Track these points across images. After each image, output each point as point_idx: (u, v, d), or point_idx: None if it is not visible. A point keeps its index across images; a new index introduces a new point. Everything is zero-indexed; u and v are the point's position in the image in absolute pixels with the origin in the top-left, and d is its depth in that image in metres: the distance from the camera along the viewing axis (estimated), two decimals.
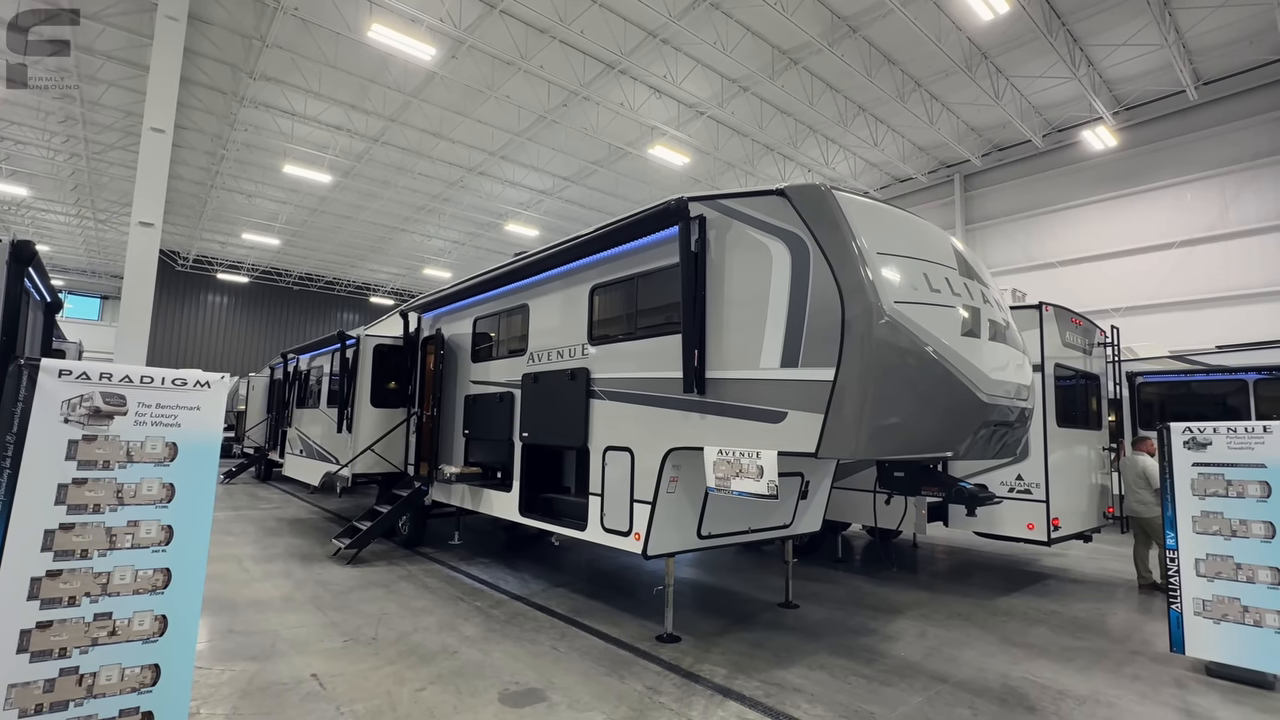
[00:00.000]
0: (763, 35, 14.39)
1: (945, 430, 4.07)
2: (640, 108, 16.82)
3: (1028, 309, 7.41)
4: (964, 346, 4.13)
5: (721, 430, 4.68)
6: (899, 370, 3.86)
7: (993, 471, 7.42)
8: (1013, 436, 4.80)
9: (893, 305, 3.89)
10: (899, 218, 4.58)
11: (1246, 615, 4.87)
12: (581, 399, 6.03)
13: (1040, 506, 7.06)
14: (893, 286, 3.97)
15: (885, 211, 4.49)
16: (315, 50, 14.83)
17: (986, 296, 4.65)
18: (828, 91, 16.40)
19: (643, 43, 14.52)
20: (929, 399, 3.96)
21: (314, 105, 17.31)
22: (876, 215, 4.35)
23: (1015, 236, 19.58)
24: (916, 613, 6.55)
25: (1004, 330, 4.67)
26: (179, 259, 31.77)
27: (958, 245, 4.89)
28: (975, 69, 14.90)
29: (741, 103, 17.00)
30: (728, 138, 18.83)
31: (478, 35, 14.14)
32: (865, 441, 3.85)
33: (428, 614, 6.07)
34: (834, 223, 4.10)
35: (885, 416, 3.86)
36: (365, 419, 9.25)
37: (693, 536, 5.59)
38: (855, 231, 4.05)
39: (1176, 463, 5.37)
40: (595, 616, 6.17)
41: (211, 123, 18.37)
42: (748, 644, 5.47)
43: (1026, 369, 4.88)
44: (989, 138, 18.93)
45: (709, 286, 4.87)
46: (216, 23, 14.08)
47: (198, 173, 21.91)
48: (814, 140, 18.96)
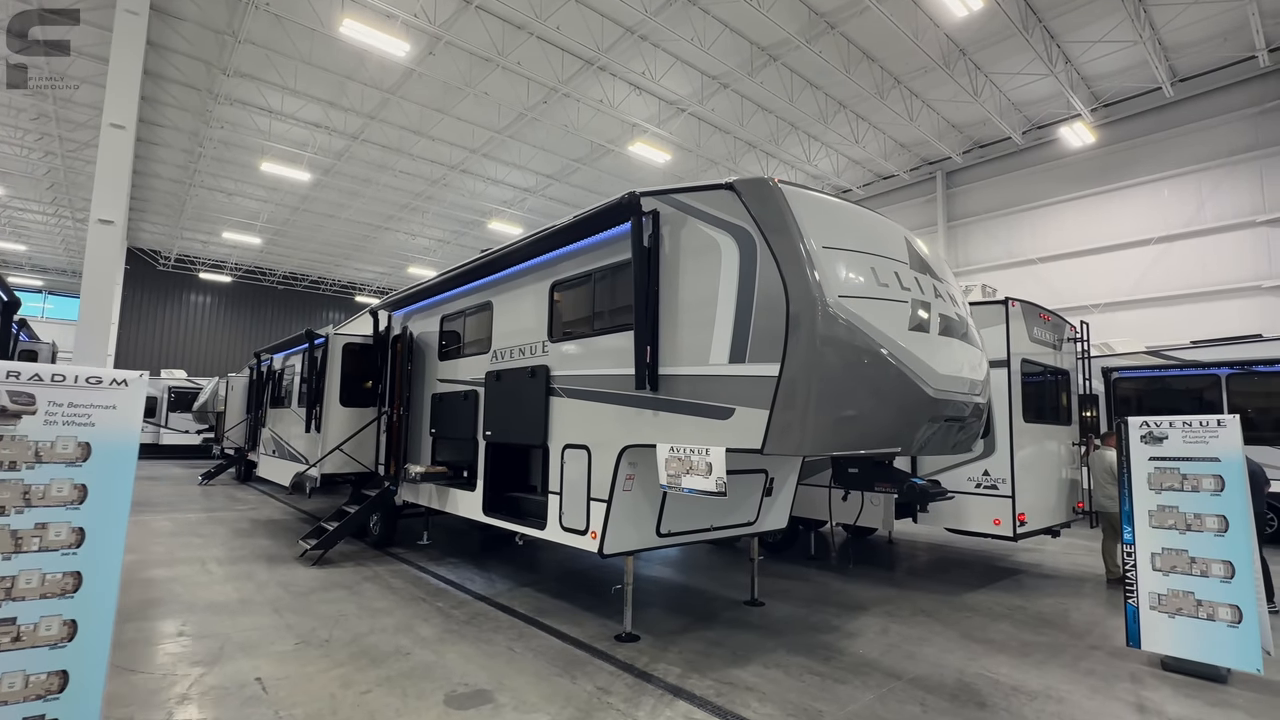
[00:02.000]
0: (741, 32, 14.35)
1: (893, 426, 4.04)
2: (620, 105, 16.75)
3: (993, 304, 7.41)
4: (912, 341, 4.09)
5: (674, 427, 4.63)
6: (843, 365, 3.82)
7: (960, 467, 7.42)
8: (967, 432, 4.78)
9: (837, 300, 3.86)
10: (849, 211, 4.54)
11: (1200, 609, 4.88)
12: (541, 397, 5.97)
13: (1006, 502, 7.06)
14: (838, 280, 3.93)
15: (834, 205, 4.46)
16: (290, 46, 14.67)
17: (940, 291, 4.62)
18: (808, 88, 16.38)
19: (621, 39, 14.44)
20: (875, 394, 3.92)
21: (291, 102, 17.14)
22: (824, 209, 4.31)
23: (997, 233, 19.66)
24: (881, 609, 6.54)
25: (958, 325, 4.65)
26: (160, 258, 31.43)
27: (912, 240, 4.86)
28: (953, 66, 14.93)
29: (722, 100, 16.96)
30: (709, 135, 18.79)
31: (454, 31, 14.03)
32: (810, 437, 3.81)
33: (386, 615, 5.99)
34: (780, 217, 4.05)
35: (830, 412, 3.82)
36: (334, 418, 9.14)
37: (651, 535, 5.54)
38: (801, 225, 4.01)
39: (1134, 457, 5.37)
40: (557, 616, 6.11)
41: (187, 120, 18.14)
42: (706, 642, 5.43)
43: (981, 364, 4.86)
44: (970, 135, 18.98)
45: (662, 282, 4.81)
46: (188, 18, 13.90)
47: (175, 171, 21.67)
48: (796, 137, 18.95)
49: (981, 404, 4.77)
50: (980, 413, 4.82)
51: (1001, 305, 7.37)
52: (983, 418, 4.89)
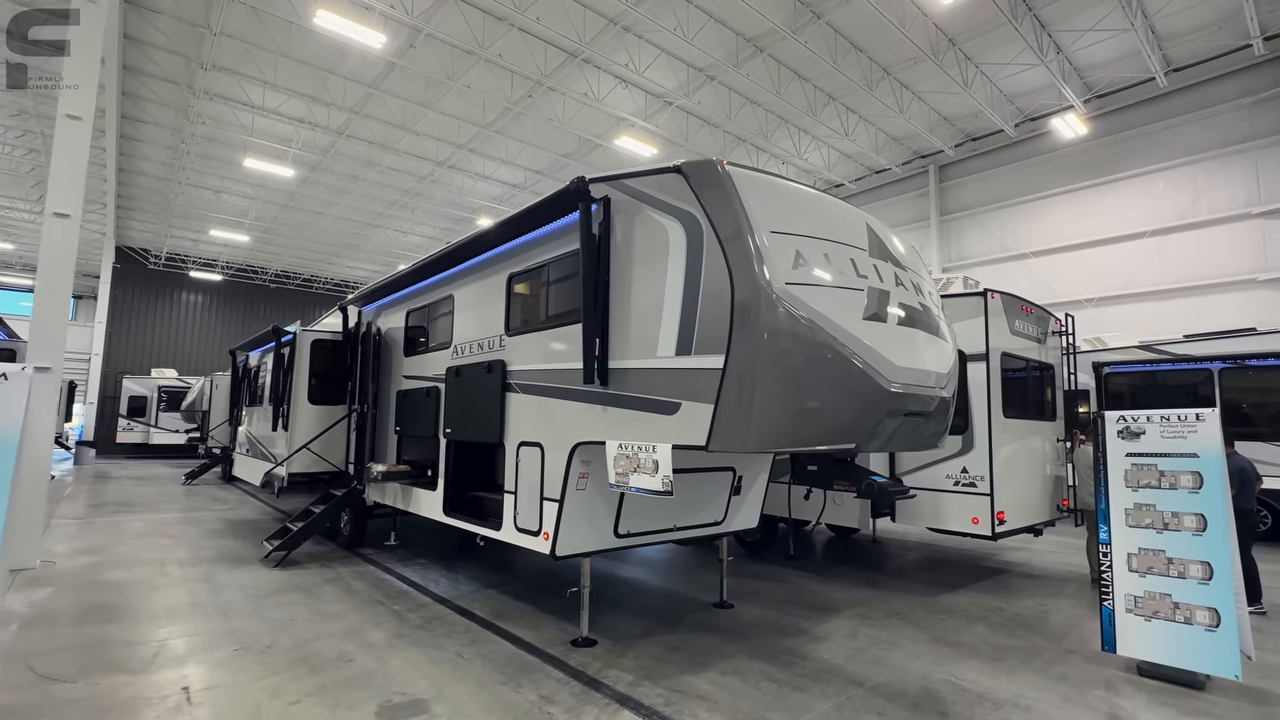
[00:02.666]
0: (725, 22, 14.10)
1: (846, 420, 3.82)
2: (606, 98, 16.51)
3: (971, 296, 7.18)
4: (867, 331, 3.87)
5: (623, 423, 4.42)
6: (789, 356, 3.60)
7: (938, 464, 7.20)
8: (934, 428, 4.56)
9: (783, 286, 3.63)
10: (803, 196, 4.32)
11: (1177, 612, 4.66)
12: (498, 393, 5.76)
13: (984, 500, 6.84)
14: (785, 267, 3.71)
15: (787, 189, 4.23)
16: (268, 39, 14.43)
17: (902, 280, 4.39)
18: (795, 80, 16.12)
19: (604, 30, 14.19)
20: (825, 387, 3.70)
21: (273, 97, 16.90)
22: (775, 192, 4.08)
23: (990, 227, 19.40)
24: (854, 611, 6.32)
25: (921, 316, 4.43)
26: (151, 257, 31.23)
27: (876, 226, 4.64)
28: (942, 56, 14.66)
29: (709, 92, 16.71)
30: (698, 129, 18.54)
31: (434, 24, 13.79)
32: (755, 433, 3.60)
33: (338, 619, 5.79)
34: (727, 200, 3.83)
35: (775, 406, 3.61)
36: (302, 416, 8.94)
37: (609, 536, 5.32)
38: (749, 209, 3.79)
39: (1110, 453, 5.15)
40: (516, 619, 5.91)
41: (169, 115, 17.92)
42: (666, 647, 5.23)
43: (948, 357, 4.64)
44: (961, 127, 18.71)
45: (613, 271, 4.60)
46: (164, 11, 13.67)
47: (160, 168, 21.45)
48: (785, 131, 18.69)
49: (948, 398, 4.55)
50: (947, 407, 4.59)
51: (980, 297, 7.14)
52: (949, 412, 4.67)
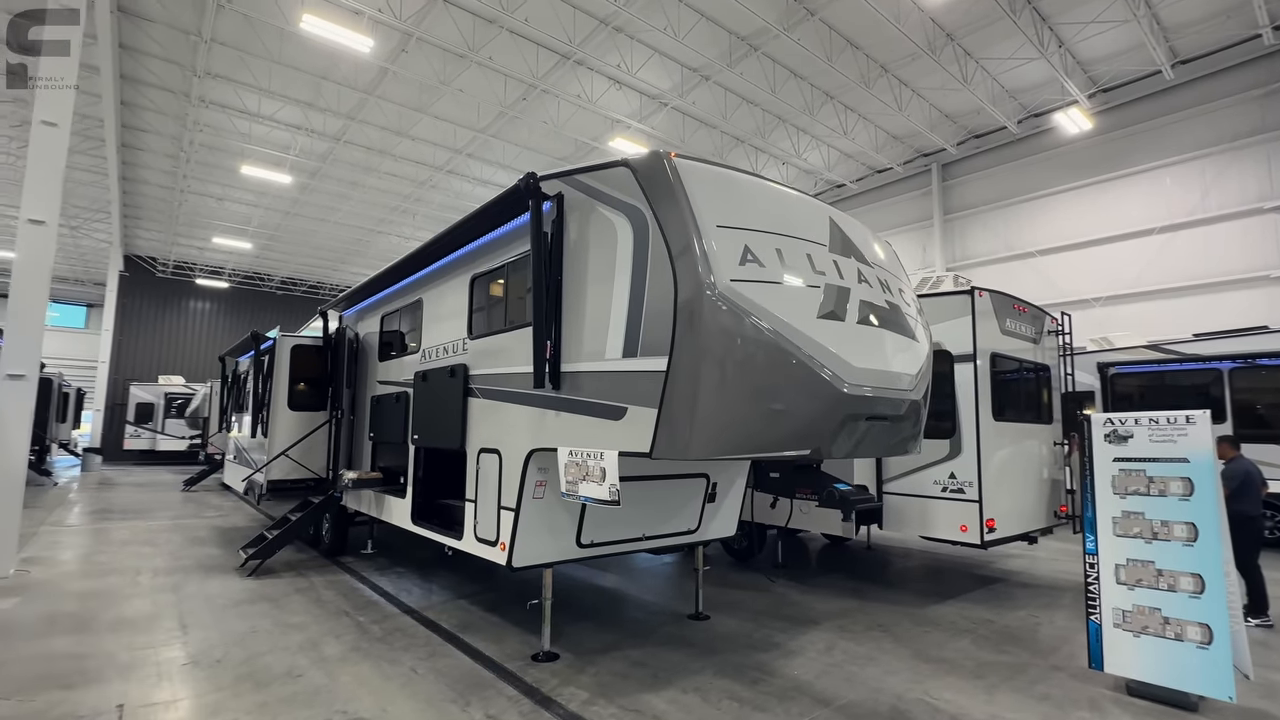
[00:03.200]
0: (718, 21, 13.93)
1: (798, 425, 3.60)
2: (599, 100, 16.39)
3: (957, 295, 6.92)
4: (821, 330, 3.66)
5: (574, 429, 4.23)
6: (733, 357, 3.40)
7: (926, 470, 6.93)
8: (901, 432, 4.33)
9: (727, 283, 3.43)
10: (757, 188, 4.11)
11: (1167, 628, 4.37)
12: (459, 398, 5.60)
13: (972, 507, 6.56)
14: (731, 263, 3.50)
15: (739, 181, 4.03)
16: (259, 46, 14.47)
17: (865, 276, 4.17)
18: (791, 79, 15.90)
19: (595, 31, 14.07)
20: (772, 390, 3.49)
21: (269, 104, 16.95)
22: (724, 185, 3.88)
23: (994, 226, 19.02)
24: (835, 624, 6.07)
25: (887, 314, 4.20)
26: (159, 265, 31.55)
27: (841, 220, 4.43)
28: (940, 52, 14.38)
29: (704, 92, 16.53)
30: (694, 130, 18.36)
31: (424, 28, 13.74)
32: (699, 439, 3.39)
33: (299, 631, 5.63)
34: (671, 193, 3.64)
35: (719, 411, 3.40)
36: (281, 423, 8.83)
37: (571, 546, 5.13)
38: (694, 203, 3.60)
39: (1097, 458, 4.88)
40: (481, 631, 5.72)
41: (168, 124, 18.04)
42: (629, 662, 5.01)
43: (918, 357, 4.40)
44: (963, 124, 18.38)
45: (566, 271, 4.41)
46: (156, 19, 13.73)
47: (163, 176, 21.62)
48: (783, 130, 18.46)
49: (918, 400, 4.31)
50: (918, 410, 4.36)
51: (967, 296, 6.87)
52: (921, 416, 4.43)
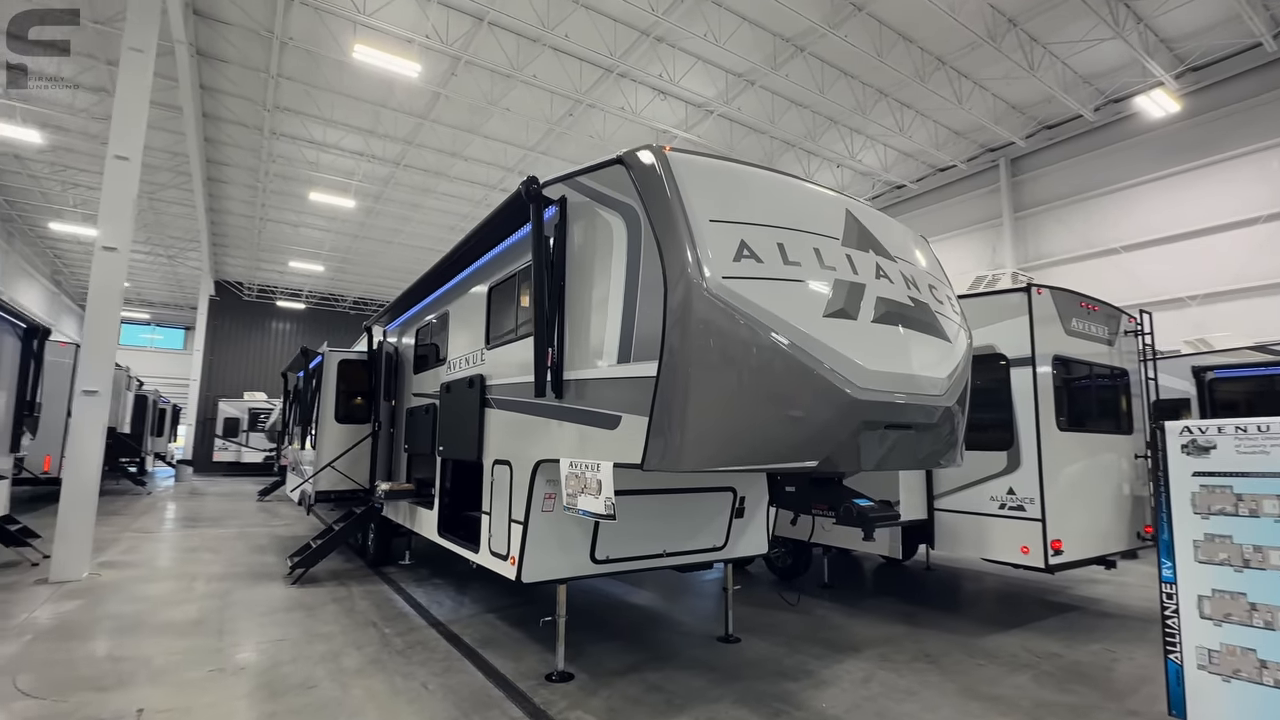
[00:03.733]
0: (760, 24, 13.64)
1: (802, 434, 3.28)
2: (644, 111, 16.38)
3: (1011, 293, 6.33)
4: (828, 329, 3.34)
5: (574, 439, 4.06)
6: (724, 359, 3.14)
7: (981, 485, 6.35)
8: (931, 443, 3.91)
9: (719, 281, 3.18)
10: (759, 180, 3.84)
11: (1264, 672, 3.73)
12: (477, 408, 5.54)
13: (1034, 526, 5.93)
14: (723, 259, 3.25)
15: (738, 173, 3.77)
16: (322, 79, 15.30)
17: (885, 271, 3.82)
18: (841, 78, 15.37)
19: (636, 43, 14.08)
20: (771, 394, 3.20)
21: (333, 133, 17.90)
22: (721, 178, 3.64)
23: (1071, 222, 17.66)
24: (876, 651, 5.59)
25: (911, 311, 3.82)
26: (245, 289, 33.89)
27: (859, 212, 4.09)
28: (1001, 39, 13.53)
29: (750, 98, 16.22)
30: (742, 136, 18.05)
31: (471, 50, 14.14)
32: (691, 450, 3.15)
33: (324, 641, 5.69)
34: (662, 188, 3.44)
35: (712, 418, 3.14)
36: (329, 435, 9.12)
37: (585, 561, 4.94)
38: (685, 197, 3.38)
39: (1173, 472, 4.26)
40: (502, 647, 5.61)
41: (245, 157, 19.36)
42: (645, 686, 4.76)
43: (950, 360, 3.98)
44: (1032, 115, 17.21)
45: (569, 276, 4.27)
46: (230, 60, 14.77)
47: (244, 206, 23.21)
48: (835, 132, 17.87)
49: (951, 407, 3.89)
50: (952, 419, 3.93)
51: (1023, 294, 6.28)
52: (957, 425, 4.00)
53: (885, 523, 3.75)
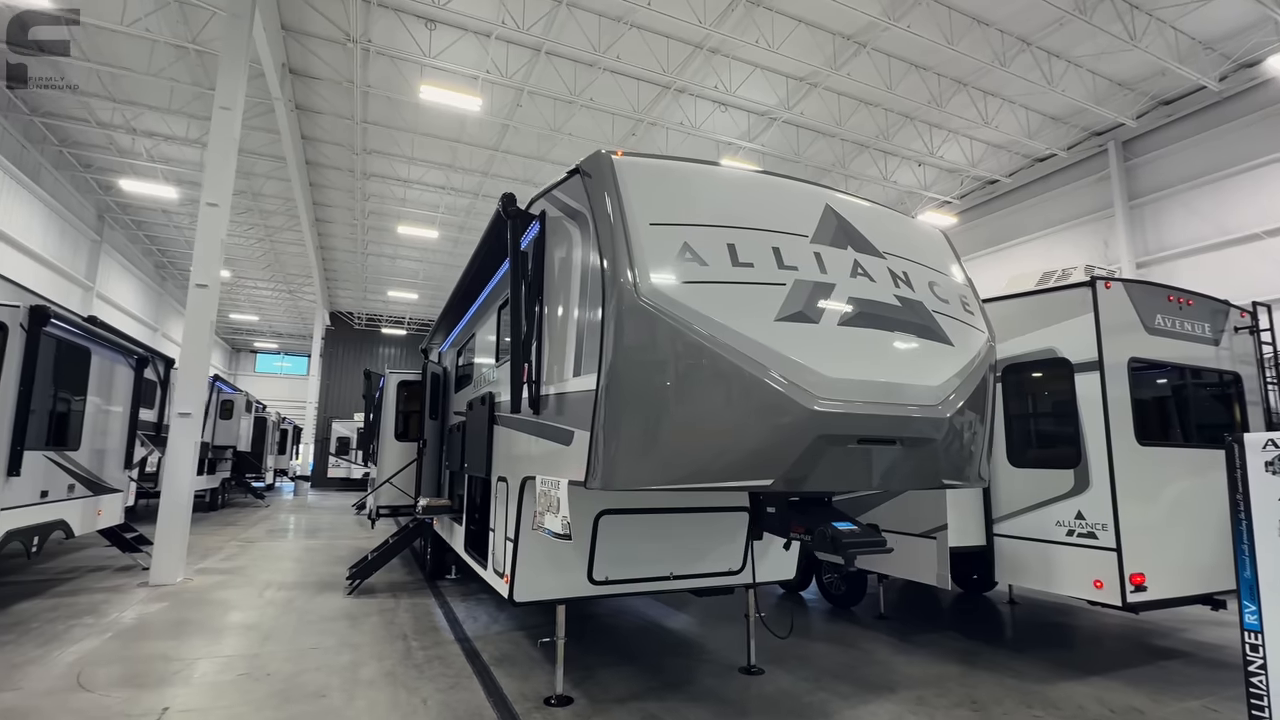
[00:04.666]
0: (817, 24, 13.20)
1: (749, 450, 2.99)
2: (704, 125, 16.27)
3: (1071, 289, 5.57)
4: (781, 334, 3.05)
5: (545, 455, 3.97)
6: (658, 368, 2.94)
7: (1045, 508, 5.59)
8: (927, 461, 3.45)
9: (652, 285, 2.99)
10: (714, 179, 3.61)
11: None
12: (487, 425, 5.61)
13: (1108, 557, 5.11)
14: (662, 263, 3.06)
15: (688, 173, 3.56)
16: (402, 121, 16.49)
17: (866, 269, 3.45)
18: (911, 71, 14.51)
19: (689, 57, 14.05)
20: (712, 407, 2.95)
21: (416, 170, 19.21)
22: (669, 179, 3.46)
23: (1199, 207, 15.50)
24: (914, 694, 5.01)
25: (897, 313, 3.43)
26: (355, 318, 36.95)
27: (845, 207, 3.75)
28: (1093, 11, 12.23)
29: (814, 101, 15.68)
30: (810, 141, 17.47)
31: (532, 81, 14.70)
32: (624, 467, 2.96)
33: (352, 651, 5.90)
34: (603, 194, 3.31)
35: (649, 433, 2.94)
36: (388, 452, 9.62)
37: (582, 581, 4.81)
38: (626, 200, 3.23)
39: (1255, 495, 3.52)
40: (516, 665, 5.57)
41: (343, 198, 21.19)
42: (645, 716, 4.52)
43: (948, 366, 3.51)
44: (1143, 90, 15.35)
45: (547, 289, 4.23)
46: (324, 111, 16.27)
47: (347, 242, 25.38)
48: (912, 129, 16.85)
49: (950, 419, 3.41)
50: (953, 432, 3.45)
51: (1086, 289, 5.50)
52: (961, 439, 3.50)
53: (867, 549, 3.32)
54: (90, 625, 6.53)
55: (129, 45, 13.57)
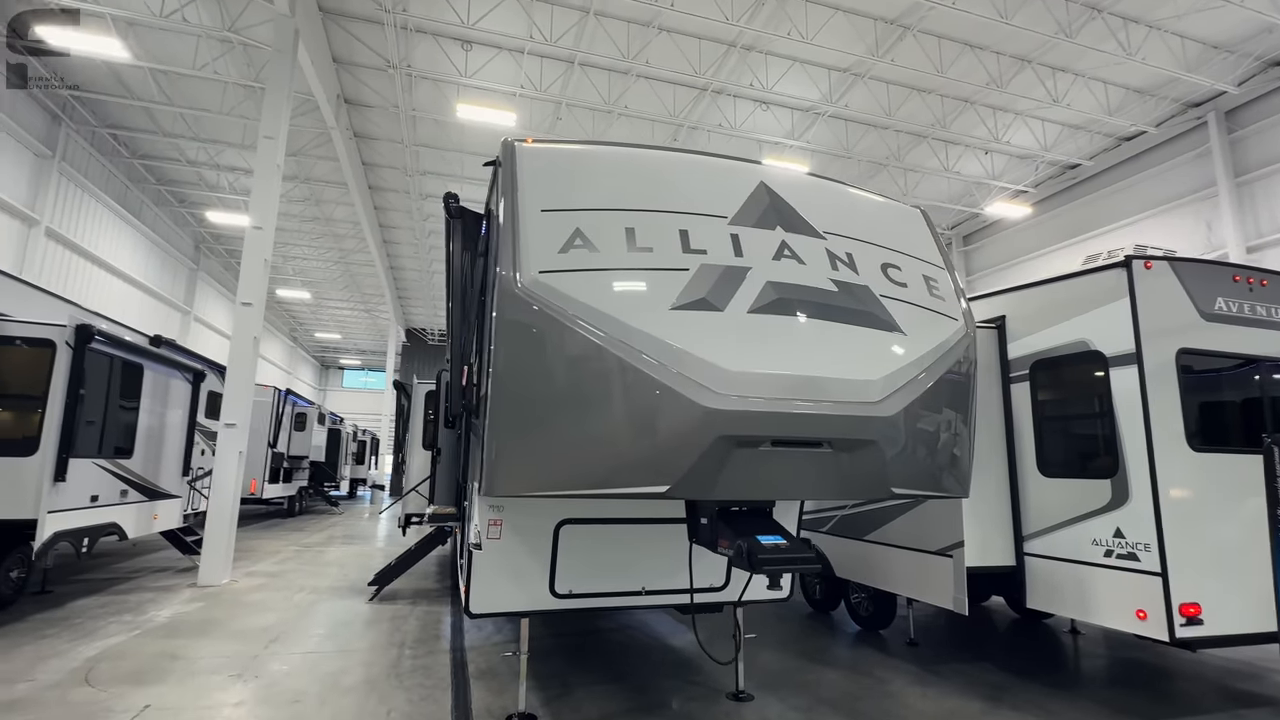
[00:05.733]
0: (856, 10, 12.56)
1: (636, 452, 2.69)
2: (744, 124, 15.86)
3: (1104, 271, 4.84)
4: (676, 324, 2.74)
5: (477, 461, 3.81)
6: (537, 363, 2.72)
7: (1079, 524, 4.87)
8: (873, 465, 3.01)
9: (534, 276, 2.77)
10: (623, 161, 3.38)
11: None
12: (465, 432, 5.53)
13: (1152, 582, 4.35)
14: (547, 251, 2.84)
15: (594, 156, 3.35)
16: (450, 141, 17.11)
17: (794, 250, 3.09)
18: (965, 52, 13.52)
19: (723, 56, 13.74)
20: (592, 404, 2.68)
21: (468, 188, 19.86)
22: (571, 164, 3.24)
23: None
24: None
25: (829, 298, 3.04)
26: (429, 334, 38.71)
27: (782, 184, 3.40)
28: None
29: (860, 93, 14.94)
30: (860, 134, 16.64)
31: (568, 93, 14.86)
32: (503, 471, 2.75)
33: (344, 658, 5.96)
34: (504, 183, 3.14)
35: (527, 433, 2.71)
36: (416, 461, 9.82)
37: (544, 594, 4.59)
38: (520, 188, 3.05)
39: None
40: (495, 679, 5.43)
41: (404, 219, 22.24)
42: None
43: (892, 355, 3.06)
44: (1246, 51, 13.56)
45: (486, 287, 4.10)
46: (379, 137, 17.16)
47: (413, 261, 26.62)
48: (973, 114, 15.71)
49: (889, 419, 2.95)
50: (891, 433, 2.98)
51: (1120, 270, 4.76)
52: (904, 442, 3.02)
53: (789, 567, 2.90)
54: (126, 623, 6.97)
55: (205, 88, 14.84)
